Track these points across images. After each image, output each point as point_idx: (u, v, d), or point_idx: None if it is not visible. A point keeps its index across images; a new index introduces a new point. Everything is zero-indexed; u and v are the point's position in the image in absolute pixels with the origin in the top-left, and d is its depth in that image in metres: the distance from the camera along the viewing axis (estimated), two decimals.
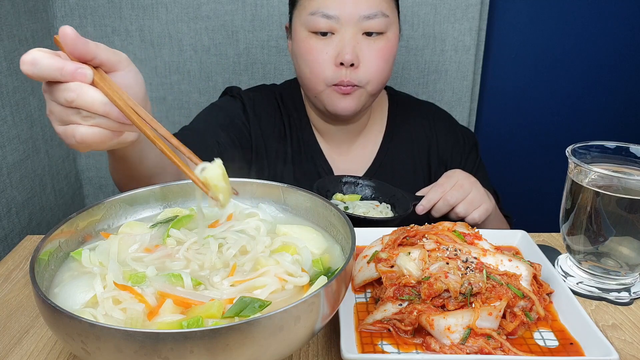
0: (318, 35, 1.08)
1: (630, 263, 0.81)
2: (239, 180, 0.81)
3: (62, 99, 0.61)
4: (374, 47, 1.09)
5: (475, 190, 1.06)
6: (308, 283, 0.63)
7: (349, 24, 1.06)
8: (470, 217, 1.05)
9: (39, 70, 0.59)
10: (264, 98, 1.26)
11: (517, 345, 0.68)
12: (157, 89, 1.70)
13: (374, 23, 1.07)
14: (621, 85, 1.87)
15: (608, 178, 0.80)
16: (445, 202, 1.05)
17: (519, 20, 1.78)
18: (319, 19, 1.06)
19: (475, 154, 1.29)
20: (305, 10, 1.09)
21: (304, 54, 1.11)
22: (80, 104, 0.60)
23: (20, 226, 1.35)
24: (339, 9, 1.05)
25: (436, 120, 1.30)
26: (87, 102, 0.60)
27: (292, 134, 1.24)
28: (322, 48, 1.08)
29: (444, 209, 1.05)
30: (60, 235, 0.66)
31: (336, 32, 1.08)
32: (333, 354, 0.70)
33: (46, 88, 0.63)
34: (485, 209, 1.06)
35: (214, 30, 1.64)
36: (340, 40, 1.07)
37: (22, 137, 1.37)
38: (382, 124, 1.29)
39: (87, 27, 1.60)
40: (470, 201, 1.05)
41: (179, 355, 0.47)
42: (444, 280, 0.70)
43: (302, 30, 1.10)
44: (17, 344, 0.72)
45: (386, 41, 1.10)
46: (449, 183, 1.06)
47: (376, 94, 1.16)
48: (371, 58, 1.09)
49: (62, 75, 0.60)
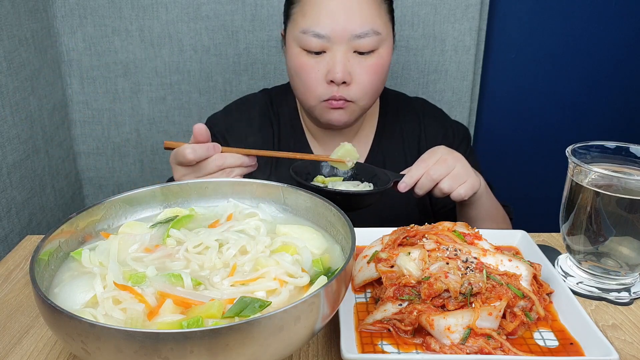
0: (310, 54, 1.08)
1: (630, 263, 0.81)
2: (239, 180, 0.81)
3: (213, 166, 0.93)
4: (365, 64, 1.08)
5: (460, 165, 1.01)
6: (308, 283, 0.63)
7: (340, 43, 1.06)
8: (455, 193, 1.00)
9: (198, 155, 0.92)
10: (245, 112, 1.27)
11: (517, 345, 0.68)
12: (157, 89, 1.70)
13: (365, 42, 1.06)
14: (621, 85, 1.87)
15: (608, 178, 0.80)
16: (428, 178, 0.99)
17: (519, 20, 1.78)
18: (310, 38, 1.06)
19: (465, 147, 1.28)
20: (298, 27, 1.08)
21: (297, 69, 1.11)
22: (227, 165, 0.94)
23: (20, 226, 1.35)
24: (330, 28, 1.05)
25: (425, 114, 1.31)
26: (231, 162, 0.95)
27: (282, 140, 1.25)
28: (313, 66, 1.08)
29: (428, 184, 0.99)
30: (60, 235, 0.66)
31: (328, 50, 1.07)
32: (333, 354, 0.70)
33: (193, 167, 0.94)
34: (471, 184, 1.01)
35: (214, 30, 1.64)
36: (332, 59, 1.07)
37: (22, 137, 1.37)
38: (373, 123, 1.29)
39: (87, 27, 1.60)
40: (455, 176, 0.99)
41: (179, 355, 0.47)
42: (444, 280, 0.70)
43: (295, 46, 1.10)
44: (17, 344, 0.72)
45: (378, 58, 1.09)
46: (433, 158, 1.01)
47: (368, 107, 1.16)
48: (362, 75, 1.08)
49: (209, 153, 0.93)
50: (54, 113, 1.58)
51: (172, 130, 1.75)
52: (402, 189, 1.00)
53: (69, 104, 1.69)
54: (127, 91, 1.69)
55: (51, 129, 1.56)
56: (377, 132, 1.29)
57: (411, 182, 1.00)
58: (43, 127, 1.50)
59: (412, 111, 1.31)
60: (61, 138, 1.64)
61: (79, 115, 1.71)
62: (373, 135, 1.29)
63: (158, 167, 1.80)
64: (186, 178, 0.94)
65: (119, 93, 1.69)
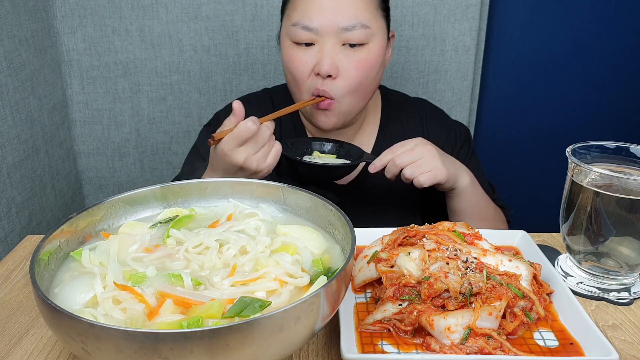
0: (300, 46, 1.11)
1: (630, 263, 0.81)
2: (239, 180, 0.81)
3: (266, 136, 0.99)
4: (353, 58, 1.10)
5: (428, 156, 1.07)
6: (308, 283, 0.63)
7: (328, 35, 1.08)
8: (416, 180, 1.06)
9: (257, 124, 0.97)
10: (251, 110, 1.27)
11: (517, 345, 0.68)
12: (157, 89, 1.70)
13: (353, 34, 1.08)
14: (621, 85, 1.87)
15: (608, 178, 0.80)
16: (393, 163, 1.07)
17: (519, 20, 1.78)
18: (299, 31, 1.09)
19: (467, 148, 1.30)
20: (289, 21, 1.12)
21: (287, 62, 1.14)
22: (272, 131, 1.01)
23: (20, 226, 1.35)
24: (318, 21, 1.07)
25: (428, 116, 1.31)
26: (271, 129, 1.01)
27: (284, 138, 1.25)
28: (302, 57, 1.11)
29: (393, 169, 1.07)
30: (60, 235, 0.66)
31: (316, 42, 1.09)
32: (333, 354, 0.70)
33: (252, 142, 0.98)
34: (434, 175, 1.06)
35: (214, 30, 1.64)
36: (320, 51, 1.09)
37: (22, 137, 1.37)
38: (375, 124, 1.29)
39: (87, 27, 1.60)
40: (418, 165, 1.06)
41: (179, 355, 0.47)
42: (444, 280, 0.70)
43: (286, 40, 1.13)
44: (17, 344, 0.72)
45: (367, 52, 1.10)
46: (403, 147, 1.08)
47: (355, 109, 1.16)
48: (350, 69, 1.10)
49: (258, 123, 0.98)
50: (54, 113, 1.58)
51: (172, 130, 1.75)
52: (372, 170, 1.10)
53: (69, 104, 1.69)
54: (127, 91, 1.69)
55: (51, 129, 1.56)
56: (378, 133, 1.29)
57: (379, 164, 1.09)
58: (43, 127, 1.50)
59: (414, 112, 1.31)
60: (61, 138, 1.64)
61: (79, 115, 1.71)
62: (375, 135, 1.29)
63: (158, 167, 1.80)
64: (251, 159, 0.97)
65: (119, 93, 1.69)
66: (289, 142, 1.16)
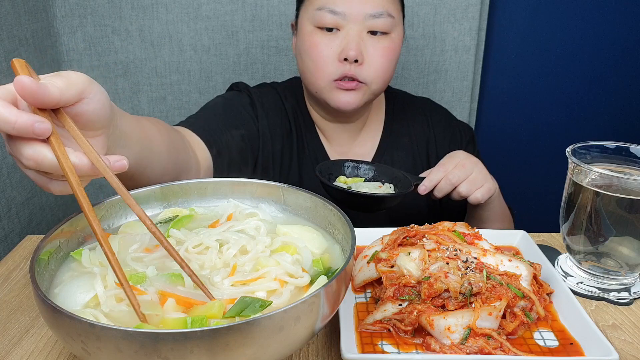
0: (323, 31, 1.10)
1: (630, 263, 0.81)
2: (239, 180, 0.81)
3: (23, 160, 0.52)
4: (378, 46, 1.10)
5: (477, 170, 1.06)
6: (308, 283, 0.63)
7: (354, 21, 1.08)
8: (473, 197, 1.05)
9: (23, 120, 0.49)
10: (269, 95, 1.26)
11: (517, 345, 0.68)
12: (157, 89, 1.70)
13: (379, 22, 1.08)
14: (621, 85, 1.87)
15: (608, 178, 0.80)
16: (447, 182, 1.04)
17: (519, 20, 1.78)
18: (325, 14, 1.08)
19: (472, 147, 1.30)
20: (313, 6, 1.10)
21: (308, 48, 1.12)
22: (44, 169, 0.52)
23: (20, 226, 1.35)
24: (346, 6, 1.07)
25: (433, 115, 1.31)
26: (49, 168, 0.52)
27: (297, 133, 1.25)
28: (327, 43, 1.09)
29: (447, 188, 1.05)
30: (60, 235, 0.66)
31: (342, 28, 1.09)
32: (333, 354, 0.70)
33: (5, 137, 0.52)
34: (488, 189, 1.06)
35: (214, 30, 1.64)
36: (345, 37, 1.08)
37: None
38: (380, 122, 1.29)
39: (87, 27, 1.60)
40: (473, 180, 1.04)
41: (179, 355, 0.47)
42: (444, 280, 0.70)
43: (308, 25, 1.12)
44: (17, 344, 0.72)
45: (390, 41, 1.11)
46: (452, 163, 1.06)
47: (378, 93, 1.16)
48: (375, 56, 1.10)
49: (15, 130, 0.49)
50: None
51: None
52: (422, 191, 1.05)
53: None
54: (127, 91, 1.69)
55: None
56: (384, 132, 1.29)
57: (431, 185, 1.05)
58: None
59: (418, 111, 1.31)
60: None
61: None
62: (380, 133, 1.29)
63: None
64: None
65: (119, 93, 1.69)
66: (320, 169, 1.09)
